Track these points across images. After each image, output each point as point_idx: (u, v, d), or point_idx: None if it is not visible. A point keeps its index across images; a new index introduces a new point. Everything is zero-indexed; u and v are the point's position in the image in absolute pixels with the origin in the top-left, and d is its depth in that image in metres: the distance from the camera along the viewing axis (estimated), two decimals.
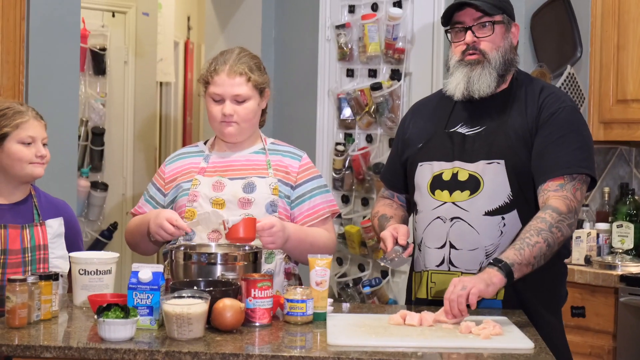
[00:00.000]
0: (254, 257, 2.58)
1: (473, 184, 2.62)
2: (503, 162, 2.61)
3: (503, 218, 2.60)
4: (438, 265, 2.66)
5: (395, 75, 4.39)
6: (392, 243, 2.62)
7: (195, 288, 2.34)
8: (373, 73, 4.52)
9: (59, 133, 3.85)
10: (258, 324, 2.34)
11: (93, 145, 5.71)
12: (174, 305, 2.18)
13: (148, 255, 3.14)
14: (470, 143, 2.66)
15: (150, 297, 2.28)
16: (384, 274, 4.46)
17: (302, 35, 4.99)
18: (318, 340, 2.24)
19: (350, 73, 4.66)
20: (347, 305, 2.80)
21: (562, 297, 2.75)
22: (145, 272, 2.29)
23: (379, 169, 4.30)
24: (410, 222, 2.85)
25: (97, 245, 5.65)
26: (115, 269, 2.65)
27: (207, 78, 2.84)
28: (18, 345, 2.12)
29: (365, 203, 4.58)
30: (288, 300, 2.39)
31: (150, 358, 2.08)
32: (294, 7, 5.09)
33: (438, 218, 2.66)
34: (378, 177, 4.11)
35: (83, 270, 2.59)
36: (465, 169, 2.64)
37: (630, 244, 3.78)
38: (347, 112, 4.63)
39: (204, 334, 2.21)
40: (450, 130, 2.71)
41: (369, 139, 4.56)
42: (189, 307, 2.17)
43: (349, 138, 4.64)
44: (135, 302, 2.27)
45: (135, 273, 2.30)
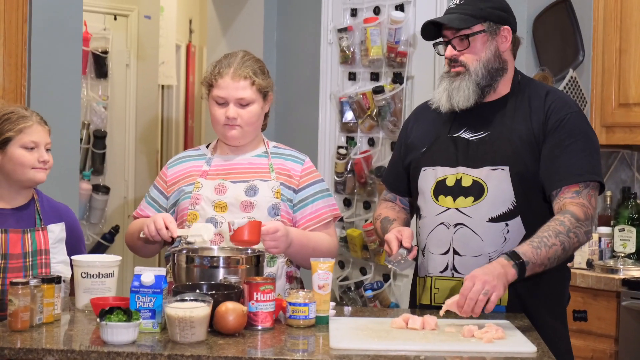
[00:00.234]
0: (257, 260, 2.57)
1: (477, 190, 2.62)
2: (507, 168, 2.60)
3: (507, 224, 2.60)
4: (442, 272, 2.66)
5: (398, 79, 4.39)
6: (396, 246, 2.61)
7: (198, 291, 2.34)
8: (375, 76, 4.52)
9: (61, 136, 3.84)
10: (260, 328, 2.33)
11: (95, 148, 5.71)
12: (177, 309, 2.18)
13: (148, 258, 3.13)
14: (474, 149, 2.66)
15: (153, 300, 2.27)
16: (386, 278, 4.45)
17: (304, 39, 4.98)
18: (320, 344, 2.24)
19: (353, 76, 4.66)
20: (349, 309, 2.80)
21: (565, 301, 2.74)
22: (148, 275, 2.29)
23: (381, 173, 4.30)
24: (414, 226, 2.84)
25: (99, 249, 5.64)
26: (118, 272, 2.65)
27: (210, 81, 2.84)
28: (20, 349, 2.12)
29: (367, 206, 4.58)
30: (290, 304, 2.38)
31: None
32: (296, 10, 5.08)
33: (442, 224, 2.65)
34: (380, 180, 4.12)
35: (85, 274, 2.59)
36: (469, 175, 2.64)
37: (633, 248, 3.78)
38: (349, 115, 4.64)
39: (207, 338, 2.21)
40: (454, 135, 2.70)
41: (371, 143, 4.56)
42: (192, 310, 2.17)
43: (351, 141, 4.64)
44: (138, 305, 2.27)
45: (138, 276, 2.29)
